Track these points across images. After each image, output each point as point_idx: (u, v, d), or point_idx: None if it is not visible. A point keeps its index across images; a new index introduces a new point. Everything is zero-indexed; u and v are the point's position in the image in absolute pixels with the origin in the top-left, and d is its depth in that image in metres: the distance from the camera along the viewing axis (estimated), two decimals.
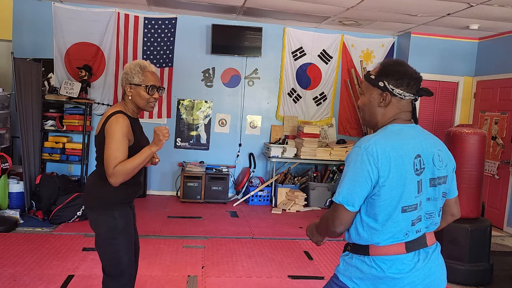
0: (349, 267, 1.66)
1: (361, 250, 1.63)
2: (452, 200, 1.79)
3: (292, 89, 6.89)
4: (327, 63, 6.91)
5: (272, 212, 6.09)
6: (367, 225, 1.59)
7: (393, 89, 1.63)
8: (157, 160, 2.45)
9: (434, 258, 1.66)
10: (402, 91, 1.63)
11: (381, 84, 1.65)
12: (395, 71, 1.65)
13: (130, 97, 2.31)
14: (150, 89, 2.33)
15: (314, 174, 6.73)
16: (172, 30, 6.49)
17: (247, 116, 6.87)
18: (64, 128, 6.01)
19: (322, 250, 4.50)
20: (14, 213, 4.90)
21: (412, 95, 1.65)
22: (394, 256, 1.58)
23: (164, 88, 2.34)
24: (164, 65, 6.53)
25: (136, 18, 6.39)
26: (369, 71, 1.75)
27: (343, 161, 6.51)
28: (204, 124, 6.79)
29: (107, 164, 2.13)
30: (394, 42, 7.04)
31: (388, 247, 1.59)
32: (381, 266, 1.58)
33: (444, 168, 1.68)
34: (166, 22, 6.47)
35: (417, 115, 1.72)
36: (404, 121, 1.67)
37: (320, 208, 6.46)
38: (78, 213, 4.94)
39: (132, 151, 2.23)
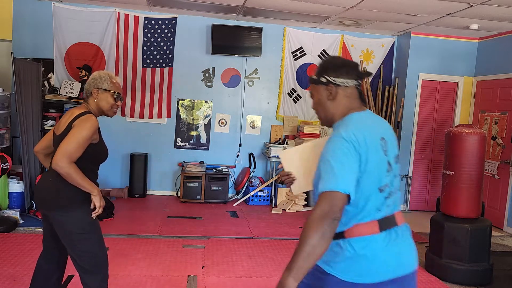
0: (333, 252, 1.65)
1: (337, 234, 1.63)
2: None
3: (292, 89, 6.89)
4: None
5: (272, 212, 6.09)
6: (346, 211, 1.60)
7: (334, 80, 1.73)
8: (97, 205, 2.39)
9: (405, 238, 1.71)
10: (343, 80, 1.73)
11: (323, 79, 1.75)
12: (332, 64, 1.76)
13: (96, 100, 2.46)
14: (117, 96, 2.50)
15: None
16: (172, 30, 6.49)
17: (247, 116, 6.87)
18: None
19: None
20: (14, 213, 4.90)
21: (354, 80, 1.75)
22: (369, 236, 1.61)
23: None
24: (164, 65, 6.53)
25: (136, 18, 6.39)
26: (311, 75, 1.85)
27: None
28: (204, 124, 6.79)
29: (63, 151, 2.22)
30: (394, 42, 7.04)
31: (362, 227, 1.62)
32: (354, 247, 1.61)
33: (396, 148, 1.77)
34: (166, 22, 6.46)
35: (365, 98, 1.81)
36: (359, 109, 1.75)
37: None
38: None
39: (97, 148, 2.41)
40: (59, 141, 2.31)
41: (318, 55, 6.87)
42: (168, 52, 6.51)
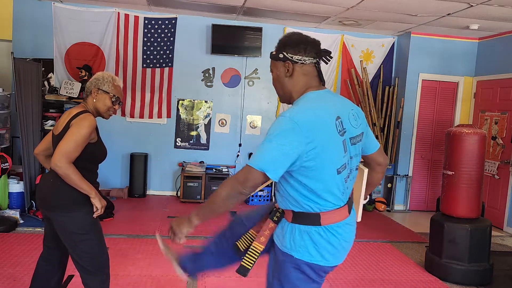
0: (301, 241, 1.68)
1: (309, 220, 1.67)
2: (375, 153, 1.93)
3: None
4: (327, 63, 6.86)
5: None
6: (308, 194, 1.65)
7: (292, 57, 1.73)
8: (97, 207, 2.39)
9: (353, 213, 1.83)
10: (300, 57, 1.73)
11: (281, 56, 1.75)
12: (290, 41, 1.76)
13: (94, 100, 2.45)
14: (115, 100, 2.48)
15: None
16: (172, 30, 6.49)
17: (247, 116, 6.87)
18: None
19: None
20: (14, 213, 4.90)
21: (312, 58, 1.74)
22: (343, 221, 1.71)
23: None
24: (164, 65, 6.53)
25: (136, 18, 6.39)
26: (272, 51, 1.84)
27: None
28: (204, 124, 6.79)
29: (62, 151, 2.21)
30: (394, 42, 7.04)
31: (336, 213, 1.69)
32: (335, 234, 1.69)
33: (359, 127, 1.77)
34: (166, 22, 6.46)
35: (323, 77, 1.80)
36: (317, 88, 1.76)
37: None
38: None
39: (96, 148, 2.41)
40: (58, 141, 2.30)
41: None
42: (168, 52, 6.51)
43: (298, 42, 1.74)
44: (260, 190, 6.47)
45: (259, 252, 1.81)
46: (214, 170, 6.49)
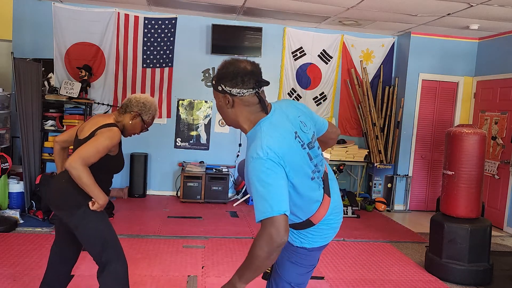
0: (300, 236, 1.88)
1: (305, 225, 1.84)
2: (326, 131, 2.04)
3: (292, 89, 6.89)
4: (327, 63, 6.91)
5: None
6: (296, 211, 1.78)
7: (230, 90, 1.69)
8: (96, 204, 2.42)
9: (334, 191, 1.96)
10: (239, 89, 1.69)
11: (219, 88, 1.72)
12: (227, 73, 1.70)
13: (130, 122, 2.54)
14: (143, 128, 2.61)
15: None
16: (172, 30, 6.49)
17: None
18: (64, 128, 6.01)
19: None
20: (14, 213, 4.90)
21: (251, 89, 1.70)
22: (329, 210, 1.87)
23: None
24: (164, 65, 6.53)
25: (136, 18, 6.39)
26: (213, 76, 1.81)
27: (343, 161, 6.55)
28: (204, 124, 6.79)
29: (80, 153, 2.26)
30: (394, 42, 7.04)
31: (322, 208, 1.84)
32: (326, 224, 1.88)
33: (310, 129, 1.85)
34: (166, 22, 6.47)
35: (266, 104, 1.76)
36: (264, 114, 1.74)
37: None
38: None
39: (114, 160, 2.48)
40: (79, 145, 2.36)
41: (318, 55, 6.87)
42: (168, 52, 6.51)
43: (235, 75, 1.68)
44: None
45: None
46: (214, 170, 6.49)
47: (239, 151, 6.84)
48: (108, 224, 2.52)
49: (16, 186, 5.20)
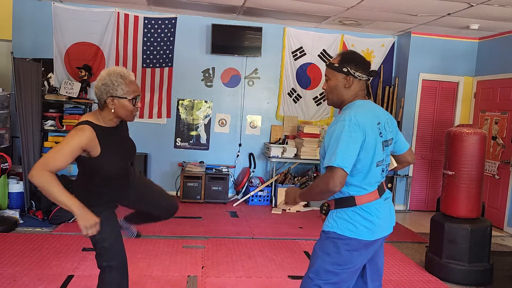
0: (341, 221, 2.05)
1: (348, 203, 2.05)
2: (406, 152, 2.33)
3: (292, 89, 6.89)
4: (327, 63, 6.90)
5: (272, 212, 6.09)
6: (352, 181, 2.01)
7: (354, 73, 2.07)
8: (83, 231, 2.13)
9: (390, 201, 2.19)
10: (361, 74, 2.08)
11: (345, 69, 2.08)
12: (354, 58, 2.10)
13: (113, 110, 2.21)
14: (135, 100, 2.25)
15: (314, 174, 6.73)
16: (172, 30, 6.49)
17: (247, 116, 6.87)
18: (64, 128, 6.01)
19: None
20: (14, 213, 4.90)
21: (367, 76, 2.11)
22: (374, 201, 2.06)
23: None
24: (164, 65, 6.52)
25: (136, 18, 6.38)
26: (330, 61, 2.17)
27: None
28: (204, 124, 6.79)
29: (42, 161, 2.02)
30: (394, 42, 7.04)
31: (369, 195, 2.05)
32: (368, 211, 2.04)
33: (391, 132, 2.17)
34: (166, 22, 6.46)
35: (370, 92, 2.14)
36: (363, 98, 2.13)
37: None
38: None
39: (97, 162, 2.19)
40: None
41: (318, 55, 6.87)
42: (168, 52, 6.51)
43: (361, 61, 2.09)
44: (260, 190, 6.47)
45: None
46: (214, 170, 6.49)
47: (239, 151, 6.84)
48: (115, 230, 2.43)
49: (16, 186, 5.19)
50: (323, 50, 6.87)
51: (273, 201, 6.44)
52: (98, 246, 2.37)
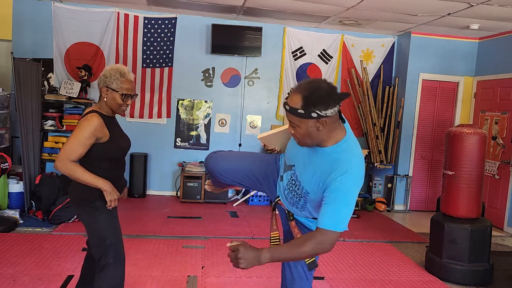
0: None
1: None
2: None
3: (292, 89, 6.87)
4: (327, 63, 6.90)
5: None
6: None
7: (326, 114, 1.71)
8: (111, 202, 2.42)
9: None
10: (332, 109, 1.72)
11: (314, 115, 1.71)
12: (320, 96, 1.70)
13: (105, 99, 2.44)
14: (125, 97, 2.45)
15: None
16: (172, 30, 6.48)
17: (247, 116, 6.86)
18: (64, 128, 6.01)
19: None
20: (14, 213, 4.89)
21: (338, 106, 1.75)
22: None
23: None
24: (164, 65, 6.52)
25: (136, 18, 6.38)
26: (289, 103, 1.77)
27: None
28: (204, 124, 6.78)
29: (64, 152, 2.29)
30: (394, 42, 7.04)
31: None
32: None
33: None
34: (166, 22, 6.46)
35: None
36: (342, 129, 1.85)
37: None
38: None
39: (106, 146, 2.40)
40: None
41: (318, 55, 6.87)
42: (168, 52, 6.51)
43: (328, 95, 1.71)
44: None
45: None
46: None
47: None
48: (115, 227, 2.51)
49: (16, 186, 5.19)
50: (323, 50, 6.87)
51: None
52: (105, 244, 2.43)
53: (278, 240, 2.19)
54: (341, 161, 1.77)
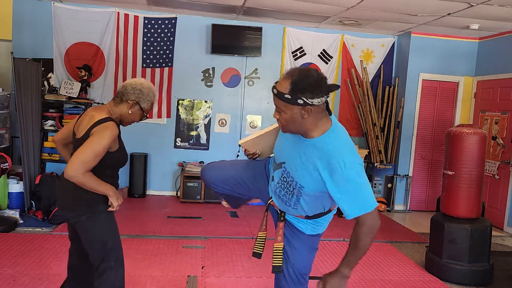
0: (317, 225, 2.13)
1: (326, 213, 2.10)
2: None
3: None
4: (327, 63, 6.90)
5: None
6: (328, 202, 2.04)
7: (312, 102, 1.72)
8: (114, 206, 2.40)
9: None
10: (319, 99, 1.74)
11: (300, 101, 1.73)
12: (308, 83, 1.72)
13: (130, 112, 2.38)
14: (143, 117, 2.46)
15: None
16: (172, 30, 6.48)
17: (247, 116, 6.86)
18: None
19: (321, 251, 4.50)
20: (14, 213, 4.89)
21: (327, 96, 1.78)
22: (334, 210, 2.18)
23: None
24: (164, 65, 6.52)
25: (136, 18, 6.38)
26: (277, 87, 1.82)
27: None
28: (204, 124, 6.78)
29: (78, 161, 2.17)
30: (394, 42, 7.04)
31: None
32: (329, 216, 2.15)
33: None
34: (166, 22, 6.46)
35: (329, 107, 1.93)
36: (329, 119, 1.86)
37: None
38: None
39: (115, 156, 2.36)
40: (78, 145, 2.26)
41: (318, 55, 6.87)
42: (168, 52, 6.51)
43: (316, 84, 1.73)
44: None
45: (282, 249, 2.18)
46: None
47: (239, 151, 6.84)
48: (114, 230, 2.46)
49: (16, 186, 5.19)
50: (323, 50, 6.87)
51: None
52: (107, 247, 2.38)
53: (263, 240, 2.24)
54: (332, 151, 1.78)
